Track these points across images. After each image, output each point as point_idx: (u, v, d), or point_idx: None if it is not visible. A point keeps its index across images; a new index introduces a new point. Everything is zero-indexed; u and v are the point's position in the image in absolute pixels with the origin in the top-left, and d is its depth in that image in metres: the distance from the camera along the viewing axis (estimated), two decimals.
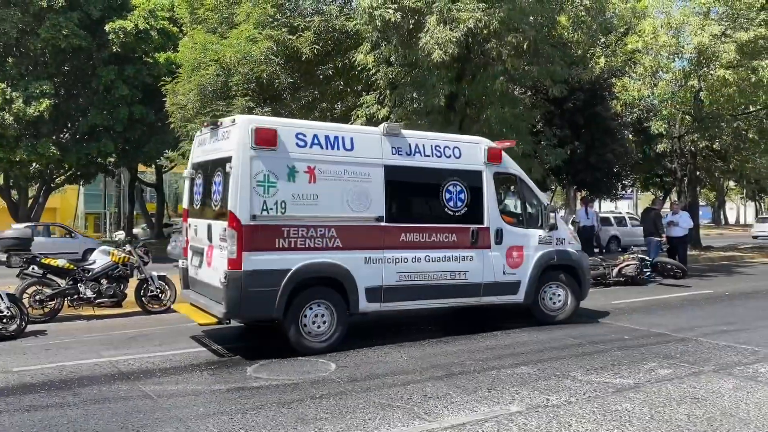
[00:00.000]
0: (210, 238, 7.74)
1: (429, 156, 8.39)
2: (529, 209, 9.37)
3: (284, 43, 15.36)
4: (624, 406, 5.34)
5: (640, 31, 19.11)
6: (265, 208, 7.13)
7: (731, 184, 52.11)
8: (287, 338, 7.31)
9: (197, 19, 17.66)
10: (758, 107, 20.50)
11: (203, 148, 8.35)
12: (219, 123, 7.96)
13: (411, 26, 14.16)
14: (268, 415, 5.19)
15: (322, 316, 7.51)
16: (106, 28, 23.82)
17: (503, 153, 9.05)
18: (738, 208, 78.62)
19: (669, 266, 14.26)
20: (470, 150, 8.77)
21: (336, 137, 7.76)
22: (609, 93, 20.01)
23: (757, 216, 49.07)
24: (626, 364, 6.76)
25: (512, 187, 9.56)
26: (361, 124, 15.44)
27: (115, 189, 54.12)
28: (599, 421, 5.00)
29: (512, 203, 9.90)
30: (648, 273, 14.12)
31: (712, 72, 17.75)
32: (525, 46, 14.25)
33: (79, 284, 9.77)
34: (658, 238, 15.38)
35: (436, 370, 6.54)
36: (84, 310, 9.97)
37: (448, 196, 8.44)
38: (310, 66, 16.18)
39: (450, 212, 8.44)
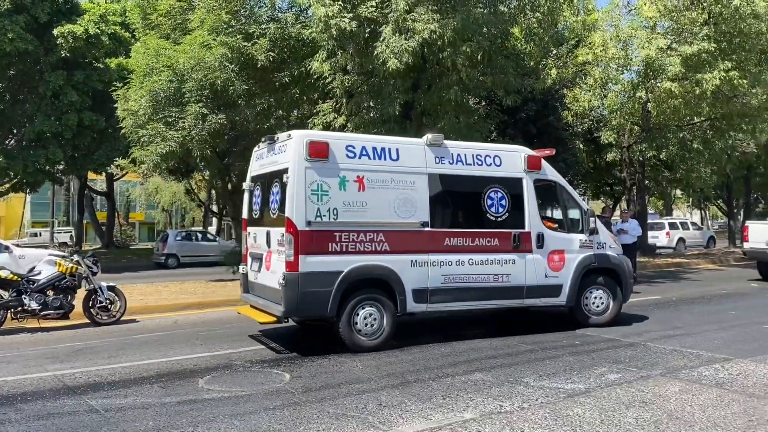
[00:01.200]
0: (269, 244, 8.31)
1: (470, 164, 8.86)
2: (570, 214, 9.74)
3: (239, 49, 15.24)
4: (575, 411, 5.43)
5: (590, 43, 19.65)
6: (318, 214, 7.71)
7: (678, 192, 53.81)
8: (339, 336, 7.83)
9: (150, 24, 17.39)
10: (702, 119, 21.25)
11: (261, 162, 8.98)
12: (276, 138, 8.55)
13: (367, 35, 14.23)
14: (220, 427, 5.09)
15: (372, 315, 8.00)
16: (55, 32, 23.25)
17: (543, 161, 9.46)
18: (685, 216, 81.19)
19: None
20: (510, 158, 9.20)
21: (383, 148, 8.32)
22: (560, 104, 20.47)
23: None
24: (578, 369, 6.88)
25: (552, 194, 9.82)
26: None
27: (63, 197, 52.60)
28: (551, 426, 5.07)
29: (553, 209, 10.35)
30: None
31: (658, 84, 18.34)
32: (479, 57, 14.49)
33: (23, 296, 9.44)
34: None
35: (391, 378, 6.54)
36: (29, 322, 9.64)
37: (489, 202, 8.88)
38: (265, 73, 16.09)
39: (492, 217, 8.87)
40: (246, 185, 9.39)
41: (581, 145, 23.88)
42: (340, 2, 14.03)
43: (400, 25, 13.34)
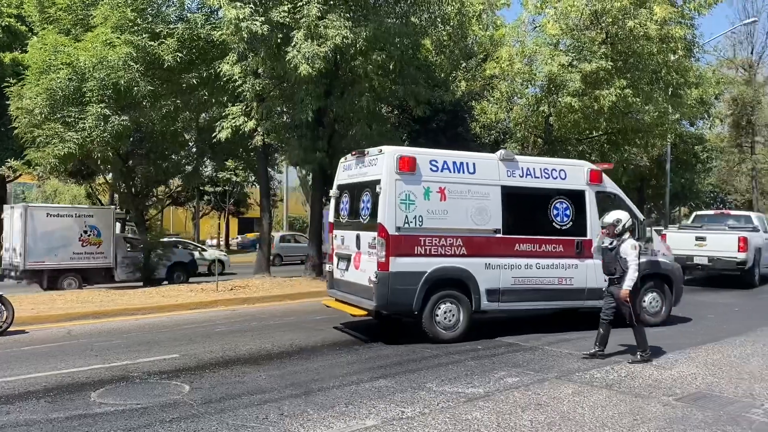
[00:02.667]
0: (358, 246, 9.33)
1: (539, 177, 9.84)
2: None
3: (145, 49, 14.74)
4: (474, 414, 5.57)
5: (497, 58, 20.28)
6: (406, 221, 8.72)
7: None
8: (422, 328, 8.80)
9: (48, 18, 16.49)
10: (600, 133, 22.35)
11: (349, 172, 10.06)
12: (366, 152, 9.58)
13: (279, 40, 14.12)
14: None
15: (451, 311, 9.00)
16: None
17: (603, 174, 10.42)
18: None
19: None
20: (574, 172, 10.15)
21: (461, 163, 9.28)
22: (469, 115, 20.99)
23: None
24: (478, 373, 7.07)
25: (611, 204, 10.40)
26: (227, 136, 15.16)
27: None
28: (450, 431, 5.18)
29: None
30: None
31: (560, 99, 19.14)
32: (391, 66, 14.72)
33: None
34: None
35: (294, 387, 6.47)
36: None
37: (555, 212, 9.85)
38: (172, 74, 15.64)
39: (557, 226, 9.80)
40: (332, 193, 10.49)
41: None
42: (251, 5, 13.87)
43: (312, 31, 13.33)
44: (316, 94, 14.49)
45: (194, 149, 20.66)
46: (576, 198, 9.96)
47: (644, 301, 10.28)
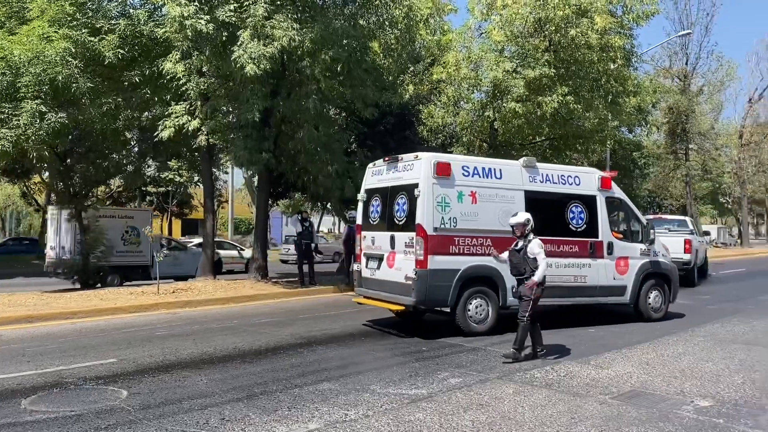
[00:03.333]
0: (393, 246, 9.94)
1: (556, 183, 10.72)
2: (632, 227, 11.75)
3: (84, 44, 14.26)
4: (417, 416, 5.61)
5: (444, 63, 20.53)
6: (442, 222, 9.41)
7: None
8: (456, 322, 9.49)
9: None
10: (543, 138, 22.93)
11: (379, 177, 10.71)
12: (399, 158, 10.28)
13: (225, 38, 13.89)
14: None
15: (481, 306, 9.72)
16: None
17: (612, 181, 11.33)
18: None
19: None
20: (587, 178, 11.09)
21: (490, 168, 10.09)
22: (417, 119, 21.16)
23: None
24: (422, 375, 7.12)
25: (619, 208, 11.71)
26: (170, 135, 14.83)
27: None
28: None
29: (619, 222, 11.96)
30: None
31: (504, 104, 19.52)
32: (338, 68, 14.66)
33: None
34: None
35: (237, 391, 6.37)
36: None
37: (571, 215, 10.70)
38: (113, 71, 15.19)
39: (572, 228, 10.66)
40: (360, 197, 11.12)
41: None
42: (196, 3, 13.63)
43: (258, 31, 13.17)
44: (263, 94, 14.33)
45: (136, 148, 20.12)
46: (589, 202, 10.88)
47: (649, 298, 11.42)
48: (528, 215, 8.14)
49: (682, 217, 23.25)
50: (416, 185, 9.48)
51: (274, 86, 15.04)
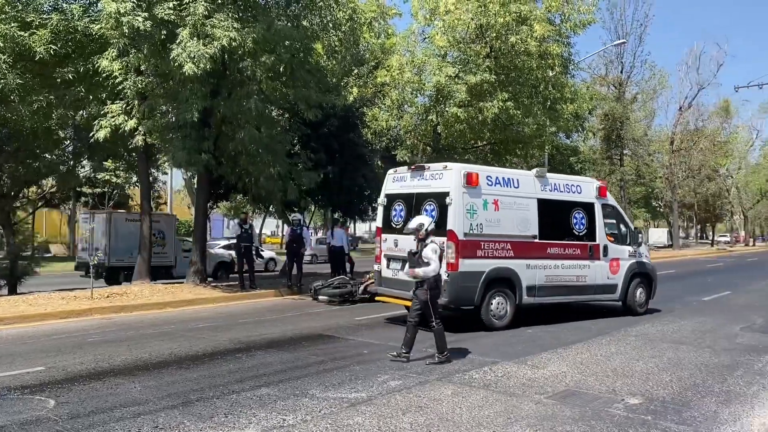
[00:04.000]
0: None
1: (563, 191, 11.73)
2: (622, 231, 12.86)
3: (14, 39, 13.67)
4: (356, 419, 5.60)
5: (388, 66, 20.63)
6: (470, 228, 10.20)
7: None
8: (480, 318, 10.41)
9: None
10: (484, 143, 23.30)
11: (401, 183, 11.47)
12: (426, 167, 11.13)
13: (164, 37, 13.56)
14: None
15: (501, 304, 10.67)
16: None
17: (606, 190, 12.61)
18: None
19: None
20: (587, 187, 12.22)
21: (509, 178, 11.03)
22: (361, 121, 21.18)
23: None
24: (362, 378, 7.12)
25: (611, 215, 12.76)
26: (106, 135, 14.37)
27: None
28: None
29: (611, 227, 12.80)
30: None
31: (447, 109, 19.78)
32: (281, 69, 14.52)
33: None
34: None
35: (172, 398, 6.21)
36: None
37: (574, 220, 11.77)
38: (45, 67, 14.61)
39: (575, 232, 11.78)
40: (380, 201, 11.88)
41: (380, 162, 24.91)
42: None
43: (198, 30, 12.91)
44: (202, 93, 14.04)
45: (70, 148, 19.43)
46: (588, 209, 12.02)
47: (636, 295, 12.73)
48: (420, 220, 8.23)
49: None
50: (447, 193, 10.24)
51: (215, 86, 14.76)
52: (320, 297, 14.57)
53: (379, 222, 11.93)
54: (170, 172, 36.06)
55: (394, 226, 11.38)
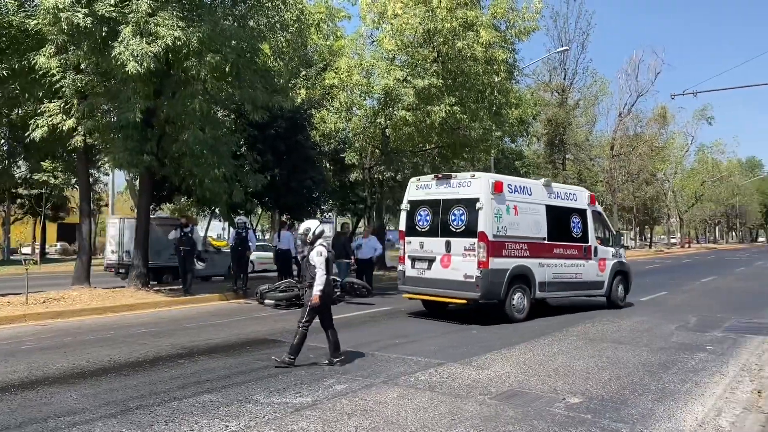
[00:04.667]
0: (448, 249, 11.93)
1: (563, 199, 13.51)
2: (606, 234, 14.65)
3: None
4: (300, 424, 5.55)
5: (337, 68, 20.62)
6: (497, 230, 11.60)
7: None
8: (504, 312, 11.82)
9: None
10: (432, 146, 23.56)
11: (426, 191, 12.71)
12: (452, 175, 12.58)
13: (105, 34, 13.16)
14: None
15: (521, 298, 12.05)
16: None
17: (595, 198, 14.57)
18: None
19: (356, 286, 15.38)
20: (581, 195, 14.14)
21: (524, 186, 12.62)
22: (309, 123, 21.07)
23: None
24: (308, 382, 7.07)
25: (598, 219, 14.47)
26: (43, 135, 13.87)
27: None
28: None
29: (599, 230, 14.44)
30: (338, 293, 15.03)
31: (395, 112, 19.90)
32: (226, 69, 14.29)
33: None
34: (348, 260, 16.55)
35: (110, 407, 6.02)
36: None
37: (573, 225, 13.49)
38: None
39: (574, 235, 13.45)
40: (403, 207, 13.10)
41: (328, 165, 24.85)
42: None
43: (141, 28, 12.60)
44: (145, 93, 13.70)
45: (5, 147, 18.64)
46: (583, 214, 13.78)
47: (618, 291, 14.41)
48: (307, 225, 8.24)
49: None
50: (477, 200, 11.57)
51: (158, 85, 14.42)
52: (266, 301, 14.42)
53: (402, 226, 13.16)
54: (112, 174, 35.07)
55: (419, 229, 12.61)
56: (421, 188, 12.91)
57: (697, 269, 31.64)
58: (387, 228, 50.54)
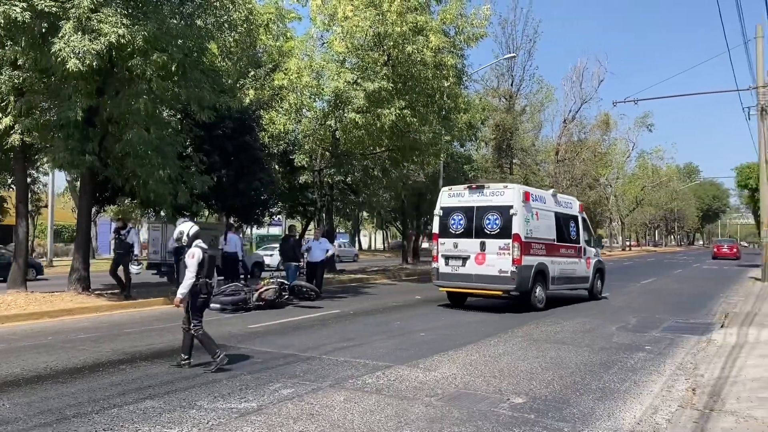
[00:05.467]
0: (483, 249, 14.07)
1: (564, 207, 16.19)
2: (587, 237, 17.09)
3: None
4: (245, 430, 5.47)
5: (286, 69, 20.47)
6: (527, 233, 13.91)
7: (365, 214, 58.80)
8: (529, 302, 14.13)
9: None
10: (382, 149, 23.65)
11: (459, 198, 14.83)
12: (485, 186, 14.84)
13: (44, 30, 12.71)
14: None
15: (541, 291, 14.39)
16: None
17: (582, 207, 17.45)
18: (370, 236, 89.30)
19: (305, 289, 15.31)
20: (574, 204, 17.00)
21: (541, 196, 15.26)
22: (257, 124, 20.83)
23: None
24: (253, 387, 6.97)
25: (584, 225, 17.03)
26: None
27: None
28: None
29: (586, 233, 17.04)
30: (286, 296, 14.95)
31: (346, 115, 19.88)
32: (173, 68, 14.00)
33: None
34: (296, 263, 16.43)
35: (46, 415, 5.80)
36: None
37: (571, 228, 16.18)
38: None
39: (571, 237, 16.10)
40: (437, 213, 15.24)
41: (277, 166, 24.63)
42: None
43: (83, 24, 12.22)
44: (87, 91, 13.30)
45: None
46: (576, 220, 16.59)
47: (597, 285, 17.37)
48: (181, 228, 8.29)
49: None
50: (510, 206, 13.83)
51: (101, 83, 14.01)
52: (212, 305, 14.14)
53: (435, 229, 15.33)
54: (51, 174, 33.91)
55: (452, 232, 14.74)
56: (453, 196, 14.98)
57: (638, 271, 32.65)
58: (337, 230, 50.47)
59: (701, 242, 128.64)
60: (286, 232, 22.36)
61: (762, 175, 23.12)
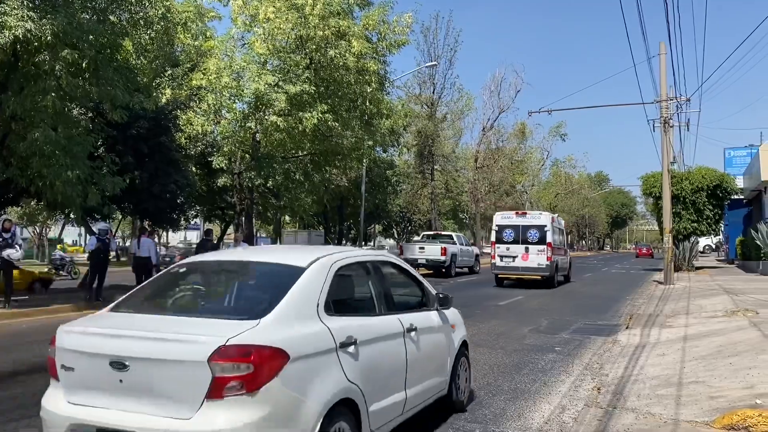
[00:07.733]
0: (527, 251, 22.92)
1: (557, 223, 25.00)
2: (565, 242, 27.05)
3: None
4: None
5: (205, 69, 20.01)
6: (553, 241, 23.15)
7: (287, 218, 58.07)
8: (553, 282, 23.90)
9: None
10: (304, 153, 23.48)
11: (509, 220, 23.95)
12: (527, 213, 24.85)
13: None
14: None
15: (556, 275, 23.77)
16: None
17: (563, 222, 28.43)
18: (296, 240, 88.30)
19: None
20: (559, 220, 26.21)
21: (556, 218, 25.57)
22: (174, 125, 20.24)
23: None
24: None
25: (562, 233, 26.69)
26: None
27: None
28: None
29: (567, 239, 28.91)
30: None
31: (266, 117, 19.64)
32: (83, 65, 13.44)
33: None
34: None
35: None
36: None
37: (562, 236, 26.23)
38: None
39: (561, 241, 25.58)
40: (494, 228, 23.89)
41: (194, 168, 24.02)
42: None
43: None
44: None
45: None
46: (563, 231, 25.90)
47: (570, 274, 26.94)
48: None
49: (451, 233, 33.35)
50: (544, 225, 22.92)
51: (3, 78, 13.26)
52: None
53: (493, 238, 23.93)
54: None
55: (505, 240, 23.32)
56: (505, 218, 23.94)
57: None
58: (258, 235, 49.60)
59: (609, 247, 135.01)
60: (203, 236, 21.86)
61: (665, 184, 24.54)
